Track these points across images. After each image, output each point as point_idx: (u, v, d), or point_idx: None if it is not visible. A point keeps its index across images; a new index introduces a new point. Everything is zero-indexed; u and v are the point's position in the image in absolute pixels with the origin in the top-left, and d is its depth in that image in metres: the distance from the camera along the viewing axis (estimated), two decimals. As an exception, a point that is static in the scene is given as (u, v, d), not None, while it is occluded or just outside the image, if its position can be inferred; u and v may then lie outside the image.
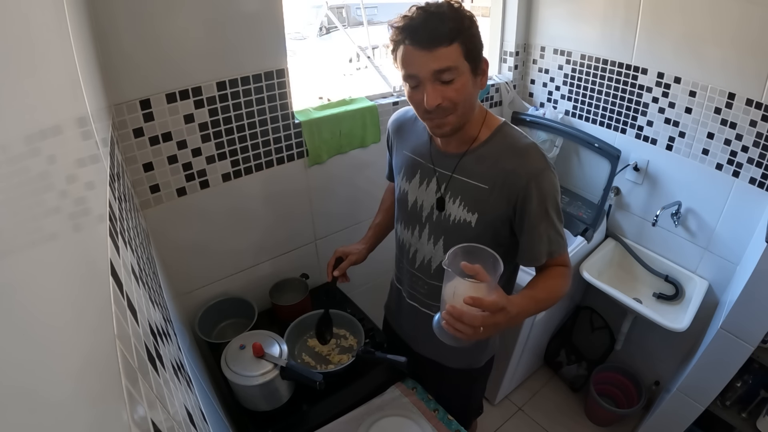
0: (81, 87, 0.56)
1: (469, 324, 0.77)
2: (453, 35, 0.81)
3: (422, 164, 1.04)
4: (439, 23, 0.81)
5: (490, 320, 0.78)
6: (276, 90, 1.28)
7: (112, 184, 0.61)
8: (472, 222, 0.97)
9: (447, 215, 1.00)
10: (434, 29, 0.81)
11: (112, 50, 1.00)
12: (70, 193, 0.37)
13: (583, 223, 1.76)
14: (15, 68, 0.30)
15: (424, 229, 1.05)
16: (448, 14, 0.82)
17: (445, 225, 1.01)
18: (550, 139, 1.86)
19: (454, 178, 0.99)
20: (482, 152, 0.96)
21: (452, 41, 0.82)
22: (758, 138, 1.36)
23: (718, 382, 1.43)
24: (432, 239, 1.04)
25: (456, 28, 0.82)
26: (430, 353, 1.20)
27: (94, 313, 0.34)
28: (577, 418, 2.05)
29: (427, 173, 1.03)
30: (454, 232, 1.00)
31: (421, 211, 1.05)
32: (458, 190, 0.98)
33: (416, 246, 1.08)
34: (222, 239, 1.37)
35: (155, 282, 0.81)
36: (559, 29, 1.79)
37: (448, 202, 1.00)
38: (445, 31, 0.81)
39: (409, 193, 1.07)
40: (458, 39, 0.82)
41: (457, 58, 0.83)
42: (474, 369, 1.20)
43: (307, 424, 1.11)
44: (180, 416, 0.50)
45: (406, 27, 0.83)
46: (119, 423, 0.31)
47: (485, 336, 0.81)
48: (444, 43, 0.81)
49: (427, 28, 0.81)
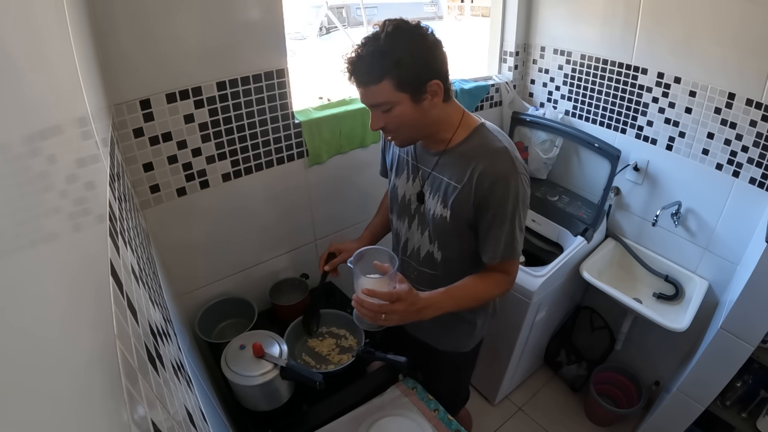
0: (81, 87, 0.56)
1: (369, 309, 0.91)
2: (379, 75, 0.88)
3: (408, 161, 1.12)
4: (368, 64, 0.88)
5: (387, 308, 0.91)
6: (276, 90, 1.28)
7: (112, 184, 0.61)
8: (447, 217, 1.04)
9: (428, 209, 1.08)
10: (363, 72, 0.89)
11: (112, 50, 1.00)
12: (70, 193, 0.37)
13: (583, 223, 1.76)
14: (15, 68, 0.30)
15: (414, 220, 1.14)
16: (376, 53, 0.87)
17: (427, 218, 1.09)
18: (550, 139, 1.86)
19: (432, 175, 1.06)
20: (458, 151, 1.02)
21: (380, 80, 0.88)
22: (758, 138, 1.36)
23: (718, 382, 1.43)
24: (419, 229, 1.13)
25: (382, 67, 0.87)
26: (422, 335, 1.28)
27: (94, 313, 0.34)
28: (577, 418, 2.05)
29: (412, 170, 1.11)
30: (434, 225, 1.08)
31: (409, 204, 1.13)
32: (436, 187, 1.05)
33: (407, 235, 1.17)
34: (222, 239, 1.37)
35: (155, 282, 0.81)
36: (559, 29, 1.79)
37: (427, 197, 1.08)
38: (372, 72, 0.88)
39: (399, 187, 1.15)
40: (386, 76, 0.88)
41: (388, 92, 0.90)
42: (461, 352, 1.27)
43: (307, 424, 1.11)
44: (180, 416, 0.50)
45: (348, 65, 0.91)
46: (119, 423, 0.31)
47: (393, 322, 0.93)
48: (372, 82, 0.89)
49: (356, 71, 0.90)
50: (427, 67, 0.91)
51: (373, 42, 0.88)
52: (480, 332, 1.26)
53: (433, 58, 0.92)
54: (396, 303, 0.91)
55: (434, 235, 1.09)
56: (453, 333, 1.23)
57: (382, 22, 0.90)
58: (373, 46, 0.88)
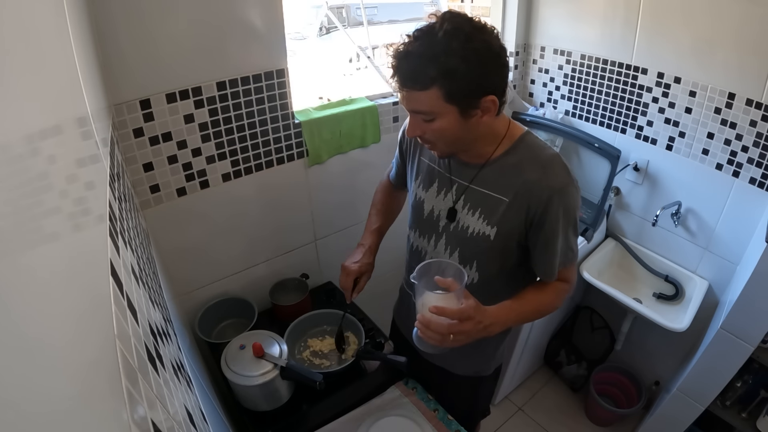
0: (81, 87, 0.56)
1: (436, 331, 0.81)
2: (428, 81, 0.74)
3: (440, 173, 1.00)
4: (416, 65, 0.74)
5: (456, 328, 0.81)
6: (276, 90, 1.28)
7: (112, 184, 0.61)
8: (491, 235, 0.92)
9: (465, 227, 0.96)
10: (409, 71, 0.75)
11: (112, 50, 1.00)
12: (70, 193, 0.37)
13: (583, 223, 1.76)
14: (15, 68, 0.30)
15: (441, 238, 1.02)
16: (428, 55, 0.73)
17: (461, 236, 0.97)
18: (550, 139, 1.86)
19: (471, 189, 0.95)
20: (503, 163, 0.91)
21: (427, 86, 0.75)
22: (758, 138, 1.35)
23: (718, 382, 1.43)
24: (448, 250, 1.01)
25: (433, 73, 0.73)
26: (437, 360, 1.17)
27: (94, 313, 0.34)
28: (577, 418, 2.05)
29: (445, 183, 0.99)
30: (470, 244, 0.96)
31: (438, 221, 1.02)
32: (476, 202, 0.94)
33: (431, 255, 1.05)
34: (222, 239, 1.37)
35: (155, 282, 0.81)
36: (559, 29, 1.79)
37: (463, 212, 0.96)
38: (420, 77, 0.74)
39: (426, 201, 1.03)
40: (436, 83, 0.74)
41: (434, 102, 0.76)
42: (482, 376, 1.19)
43: (307, 424, 1.11)
44: (180, 416, 0.50)
45: (393, 58, 0.77)
46: (119, 423, 0.31)
47: (459, 343, 0.83)
48: (417, 87, 0.75)
49: (402, 69, 0.76)
50: (484, 81, 0.77)
51: (427, 39, 0.74)
52: (501, 354, 1.19)
53: (494, 70, 0.77)
54: (465, 322, 0.81)
55: (470, 256, 0.97)
56: (471, 358, 1.13)
57: (440, 15, 0.75)
58: (426, 45, 0.74)
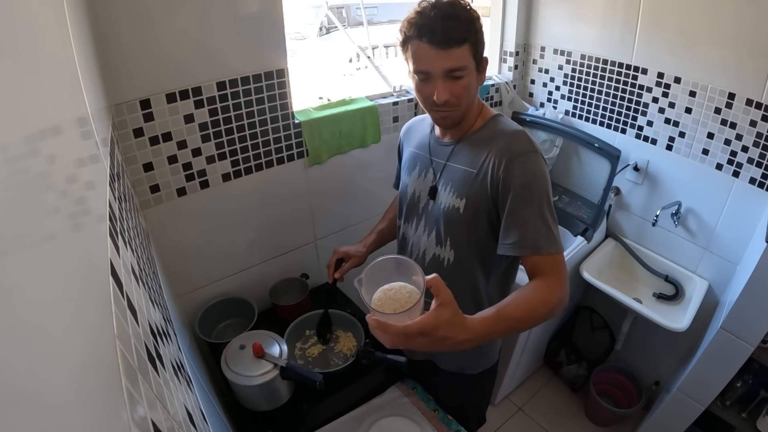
0: (81, 87, 0.56)
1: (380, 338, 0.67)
2: (465, 36, 0.86)
3: (422, 156, 1.08)
4: (455, 24, 0.85)
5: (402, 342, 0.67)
6: (276, 90, 1.28)
7: (112, 184, 0.61)
8: (461, 208, 0.97)
9: (440, 204, 1.01)
10: (450, 30, 0.85)
11: (112, 50, 1.00)
12: (70, 193, 0.37)
13: (583, 223, 1.76)
14: (15, 68, 0.30)
15: (421, 221, 1.07)
16: (462, 15, 0.86)
17: (436, 214, 1.02)
18: (550, 139, 1.86)
19: (447, 166, 1.01)
20: (475, 138, 0.99)
21: (464, 42, 0.86)
22: (758, 138, 1.36)
23: (718, 382, 1.43)
24: (426, 231, 1.06)
25: (468, 29, 0.87)
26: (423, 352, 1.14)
27: (94, 313, 0.34)
28: (577, 418, 2.05)
29: (425, 164, 1.06)
30: (444, 220, 1.00)
31: (418, 203, 1.08)
32: (450, 177, 1.00)
33: (413, 239, 1.10)
34: (222, 239, 1.37)
35: (155, 282, 0.81)
36: (559, 29, 1.79)
37: (440, 190, 1.02)
38: (460, 33, 0.86)
39: (409, 185, 1.10)
40: (469, 40, 0.87)
41: (467, 57, 0.88)
42: (467, 375, 1.15)
43: (307, 424, 1.11)
44: (180, 416, 0.50)
45: (423, 25, 0.86)
46: (119, 423, 0.31)
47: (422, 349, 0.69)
48: (457, 43, 0.86)
49: (445, 28, 0.85)
50: (484, 43, 0.93)
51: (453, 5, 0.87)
52: (491, 356, 1.15)
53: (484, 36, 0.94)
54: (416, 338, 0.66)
55: (445, 234, 1.00)
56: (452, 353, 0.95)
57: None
58: (459, 8, 0.87)
